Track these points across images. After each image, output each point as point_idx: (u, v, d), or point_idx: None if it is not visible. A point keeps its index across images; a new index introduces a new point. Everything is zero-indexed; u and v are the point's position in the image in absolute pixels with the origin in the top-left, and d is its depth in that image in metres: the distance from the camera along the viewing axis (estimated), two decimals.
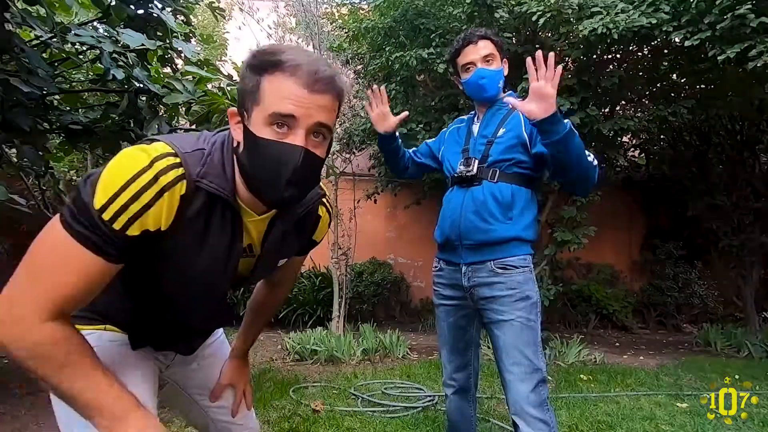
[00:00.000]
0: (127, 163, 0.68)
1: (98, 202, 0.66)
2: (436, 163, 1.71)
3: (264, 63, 0.71)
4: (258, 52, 0.73)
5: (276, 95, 0.70)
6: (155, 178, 0.68)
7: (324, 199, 0.94)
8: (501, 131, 1.46)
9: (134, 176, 0.67)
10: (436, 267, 1.59)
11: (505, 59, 1.54)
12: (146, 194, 0.68)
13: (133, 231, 0.68)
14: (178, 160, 0.71)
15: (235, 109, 0.77)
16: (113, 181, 0.67)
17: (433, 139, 1.77)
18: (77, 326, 0.80)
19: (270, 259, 0.90)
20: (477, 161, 1.46)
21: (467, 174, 1.45)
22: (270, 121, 0.71)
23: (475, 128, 1.55)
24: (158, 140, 0.73)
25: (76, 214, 0.67)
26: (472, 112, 1.63)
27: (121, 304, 0.86)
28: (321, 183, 0.92)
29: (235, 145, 0.76)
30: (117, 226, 0.67)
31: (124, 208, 0.67)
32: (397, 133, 1.64)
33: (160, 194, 0.68)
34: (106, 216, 0.66)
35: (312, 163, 0.73)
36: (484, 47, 1.48)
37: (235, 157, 0.76)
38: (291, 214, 0.86)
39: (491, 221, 1.40)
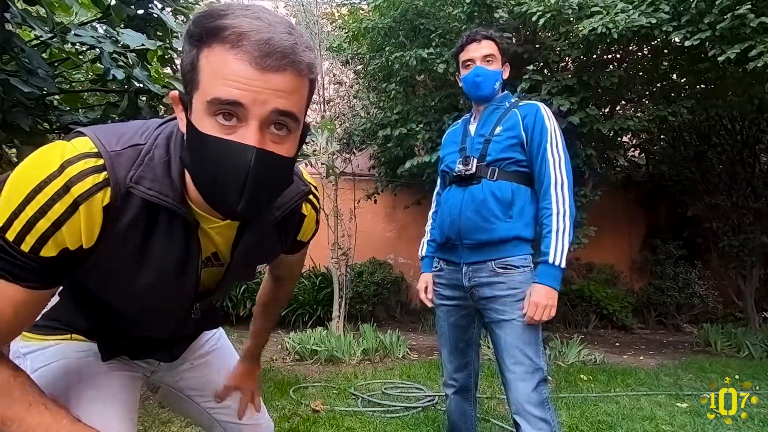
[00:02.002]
0: (35, 167, 0.55)
1: (0, 219, 0.54)
2: None
3: (203, 29, 0.54)
4: (198, 15, 0.55)
5: (215, 76, 0.53)
6: (66, 188, 0.54)
7: (310, 196, 0.80)
8: (498, 129, 1.47)
9: (40, 185, 0.54)
10: (436, 267, 1.59)
11: (507, 63, 1.56)
12: (55, 208, 0.54)
13: (49, 252, 0.56)
14: (100, 162, 0.57)
15: (177, 92, 0.60)
16: (16, 191, 0.54)
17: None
18: (41, 336, 0.76)
19: (243, 268, 0.78)
20: (476, 160, 1.46)
21: (466, 173, 1.45)
22: (211, 110, 0.54)
23: (472, 127, 1.55)
24: (84, 134, 0.59)
25: None
26: (469, 113, 1.64)
27: (81, 316, 0.77)
28: (305, 178, 0.79)
29: (182, 137, 0.61)
30: (25, 247, 0.54)
31: (30, 226, 0.54)
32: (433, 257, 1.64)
33: (74, 207, 0.55)
34: (10, 236, 0.54)
35: (271, 165, 0.56)
36: (486, 47, 1.49)
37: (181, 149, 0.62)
38: (264, 220, 0.71)
39: (492, 220, 1.40)
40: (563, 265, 1.34)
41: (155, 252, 0.63)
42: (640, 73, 4.24)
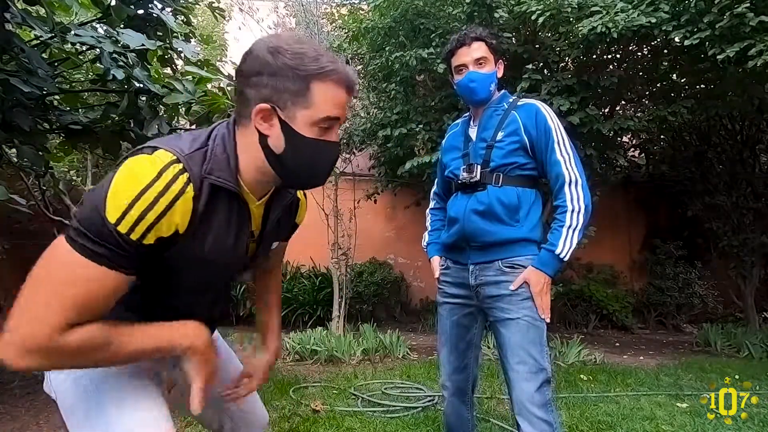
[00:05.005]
0: (136, 175, 0.70)
1: (112, 215, 0.68)
2: None
3: (312, 70, 0.76)
4: (298, 55, 0.75)
5: (329, 101, 0.77)
6: (166, 188, 0.71)
7: None
8: (500, 135, 1.46)
9: (145, 187, 0.69)
10: (442, 266, 1.59)
11: (500, 60, 1.54)
12: (160, 203, 0.70)
13: (149, 240, 0.71)
14: (181, 165, 0.73)
15: (266, 105, 0.77)
16: (124, 194, 0.69)
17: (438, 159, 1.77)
18: None
19: (268, 242, 0.97)
20: (479, 166, 1.45)
21: (471, 180, 1.45)
22: (319, 122, 0.78)
23: (473, 132, 1.54)
24: (160, 148, 0.74)
25: (84, 230, 0.68)
26: (466, 115, 1.62)
27: (134, 313, 0.86)
28: None
29: (258, 139, 0.80)
30: (134, 236, 0.69)
31: (141, 218, 0.69)
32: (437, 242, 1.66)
33: (173, 202, 0.71)
34: (123, 228, 0.68)
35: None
36: (477, 49, 1.47)
37: (259, 149, 0.80)
38: (283, 198, 0.93)
39: (498, 224, 1.41)
40: (567, 258, 1.35)
41: (222, 226, 0.81)
42: (640, 73, 4.24)
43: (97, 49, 1.99)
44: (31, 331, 0.66)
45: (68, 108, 2.55)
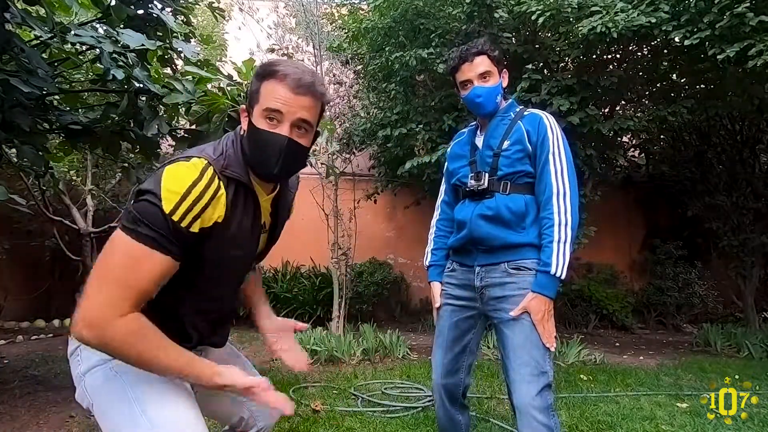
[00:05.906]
0: (183, 175, 0.85)
1: (167, 206, 0.81)
2: None
3: (264, 72, 0.94)
4: (263, 64, 0.96)
5: (269, 95, 0.92)
6: (208, 185, 0.86)
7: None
8: (506, 143, 1.47)
9: (194, 182, 0.84)
10: (449, 267, 1.60)
11: (504, 71, 1.54)
12: (205, 197, 0.85)
13: (195, 228, 0.85)
14: (213, 167, 0.89)
15: (244, 106, 0.99)
16: (176, 189, 0.83)
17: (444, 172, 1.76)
18: None
19: (278, 233, 1.12)
20: (487, 174, 1.47)
21: (479, 188, 1.47)
22: (264, 114, 0.92)
23: (479, 141, 1.55)
24: (193, 156, 0.89)
25: (141, 219, 0.81)
26: (473, 124, 1.64)
27: (169, 314, 0.94)
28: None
29: (241, 133, 0.98)
30: (184, 224, 0.83)
31: (190, 209, 0.83)
32: (442, 264, 1.66)
33: (214, 196, 0.87)
34: (176, 217, 0.82)
35: (295, 149, 0.94)
36: (481, 63, 1.48)
37: (240, 143, 0.96)
38: (286, 193, 1.10)
39: (505, 229, 1.42)
40: (564, 276, 1.35)
41: (242, 214, 0.95)
42: (640, 73, 4.24)
43: (97, 49, 1.99)
44: (97, 310, 0.79)
45: (68, 108, 2.56)
